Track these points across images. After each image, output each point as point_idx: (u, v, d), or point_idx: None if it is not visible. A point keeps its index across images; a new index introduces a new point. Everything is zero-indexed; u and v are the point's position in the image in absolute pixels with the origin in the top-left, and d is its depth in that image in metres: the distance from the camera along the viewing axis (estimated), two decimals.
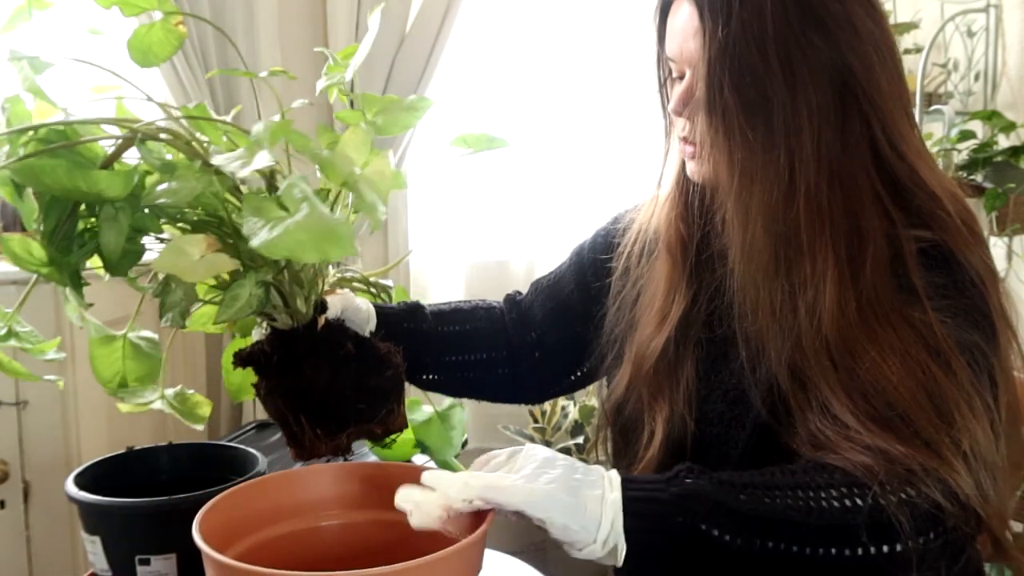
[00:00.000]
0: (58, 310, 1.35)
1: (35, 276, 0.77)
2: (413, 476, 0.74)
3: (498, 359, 1.04)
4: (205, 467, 0.94)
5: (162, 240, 0.78)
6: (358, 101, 0.83)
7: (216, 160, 0.69)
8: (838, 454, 0.71)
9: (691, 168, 0.88)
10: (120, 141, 0.73)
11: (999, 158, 1.92)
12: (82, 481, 0.85)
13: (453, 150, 0.94)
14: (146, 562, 0.79)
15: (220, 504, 0.67)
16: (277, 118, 0.78)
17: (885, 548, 0.68)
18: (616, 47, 2.34)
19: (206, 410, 0.89)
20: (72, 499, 0.82)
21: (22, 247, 0.74)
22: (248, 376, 0.85)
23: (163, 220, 0.76)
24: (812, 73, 0.78)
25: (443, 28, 2.11)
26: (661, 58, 0.90)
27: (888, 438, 0.70)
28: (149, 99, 0.81)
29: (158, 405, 0.84)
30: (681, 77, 0.86)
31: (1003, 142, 1.97)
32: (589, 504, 0.64)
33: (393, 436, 0.86)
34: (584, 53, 2.35)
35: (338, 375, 0.81)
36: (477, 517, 0.64)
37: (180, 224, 0.76)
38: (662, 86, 0.92)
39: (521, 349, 1.05)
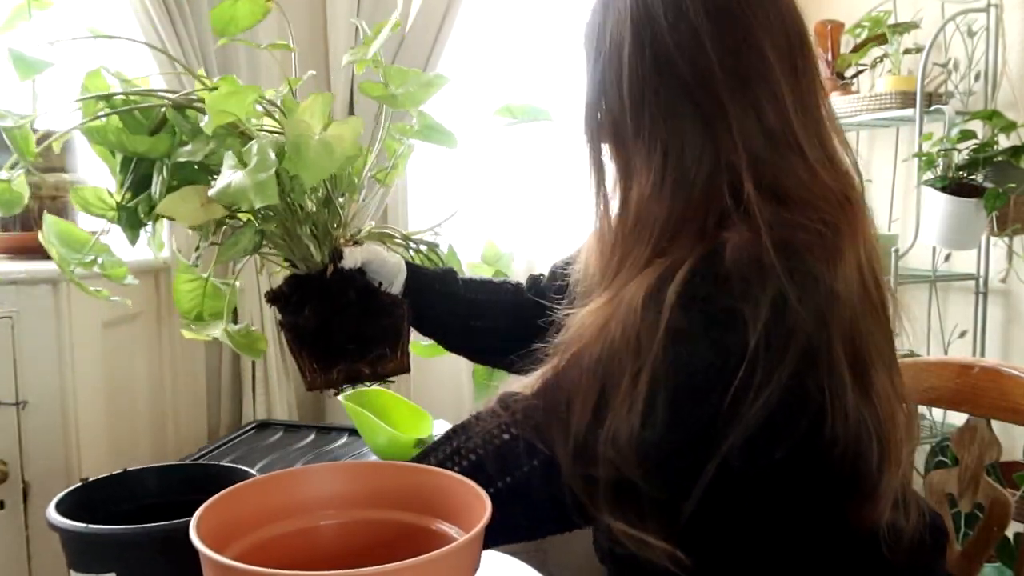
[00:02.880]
0: (58, 308, 1.35)
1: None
2: (412, 476, 0.74)
3: (516, 330, 1.07)
4: (185, 490, 0.91)
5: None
6: (382, 73, 0.93)
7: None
8: None
9: None
10: (163, 109, 0.86)
11: (999, 158, 1.92)
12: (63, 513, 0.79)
13: (495, 120, 1.12)
14: None
15: (217, 504, 0.67)
16: (285, 88, 0.93)
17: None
18: None
19: (263, 345, 1.01)
20: (64, 531, 0.76)
21: (94, 196, 0.90)
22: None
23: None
24: (666, 113, 0.80)
25: (443, 28, 2.11)
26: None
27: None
28: (187, 70, 0.96)
29: (218, 335, 0.97)
30: None
31: (1003, 142, 1.97)
32: None
33: (387, 379, 0.99)
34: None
35: (333, 318, 0.93)
36: (474, 517, 0.64)
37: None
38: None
39: (535, 324, 1.08)
